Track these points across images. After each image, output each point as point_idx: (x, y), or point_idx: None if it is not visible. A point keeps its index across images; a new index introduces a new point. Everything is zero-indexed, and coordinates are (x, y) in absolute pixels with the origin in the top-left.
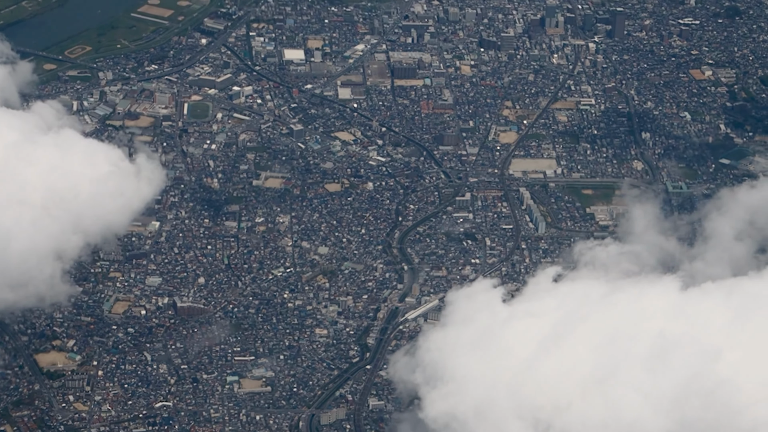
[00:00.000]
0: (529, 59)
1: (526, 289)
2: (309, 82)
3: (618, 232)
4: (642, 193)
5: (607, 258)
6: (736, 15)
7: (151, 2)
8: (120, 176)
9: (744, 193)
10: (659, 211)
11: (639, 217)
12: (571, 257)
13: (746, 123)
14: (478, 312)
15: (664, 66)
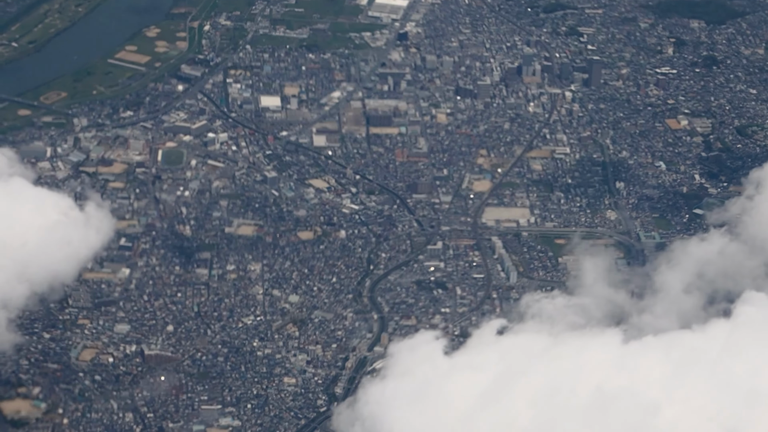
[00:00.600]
0: (505, 107)
1: (470, 341)
2: (284, 129)
3: (568, 284)
4: (592, 245)
5: (554, 310)
6: (714, 64)
7: (128, 48)
8: (68, 225)
9: (694, 245)
10: (614, 263)
11: (589, 269)
12: (518, 309)
13: (721, 173)
14: (419, 364)
15: (640, 115)
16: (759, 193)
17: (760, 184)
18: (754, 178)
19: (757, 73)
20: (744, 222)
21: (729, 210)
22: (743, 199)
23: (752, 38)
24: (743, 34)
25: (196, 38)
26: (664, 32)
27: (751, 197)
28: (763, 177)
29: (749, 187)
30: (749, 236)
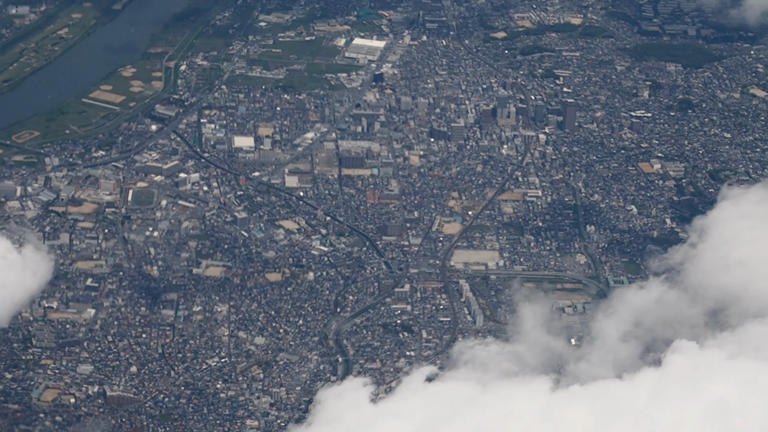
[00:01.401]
0: (478, 150)
1: (398, 388)
2: (257, 169)
3: (505, 331)
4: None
5: (487, 357)
6: (689, 108)
7: (103, 88)
8: (4, 268)
9: (633, 293)
10: (550, 310)
11: (528, 315)
12: (451, 356)
13: (693, 217)
14: (345, 411)
15: (614, 158)
16: (702, 241)
17: (704, 231)
18: (698, 225)
19: (732, 117)
20: (686, 270)
21: (672, 257)
22: (686, 247)
23: (728, 82)
24: (719, 77)
25: (172, 78)
26: (640, 75)
27: (694, 245)
28: (707, 225)
29: (693, 235)
30: (691, 284)
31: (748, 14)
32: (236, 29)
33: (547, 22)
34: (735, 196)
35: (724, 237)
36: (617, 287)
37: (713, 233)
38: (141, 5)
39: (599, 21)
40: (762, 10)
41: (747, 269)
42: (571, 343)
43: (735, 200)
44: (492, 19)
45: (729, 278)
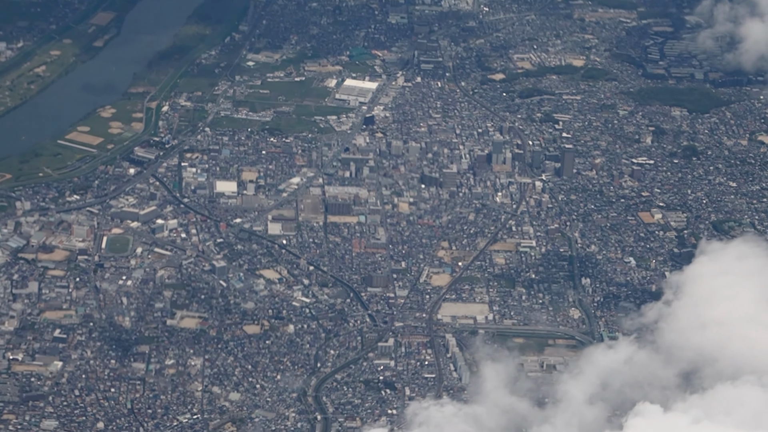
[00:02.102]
0: (471, 197)
1: None
2: (239, 216)
3: (466, 391)
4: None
5: (443, 419)
6: (694, 155)
7: (80, 129)
8: None
9: (601, 353)
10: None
11: (491, 375)
12: (405, 417)
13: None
14: None
15: (612, 208)
16: (677, 299)
17: (680, 288)
18: (673, 282)
19: (738, 165)
20: (660, 329)
21: (645, 315)
22: (660, 305)
23: (736, 128)
24: (727, 123)
25: (153, 119)
26: (643, 120)
27: (669, 303)
28: (683, 281)
29: (668, 292)
30: (664, 344)
31: (744, 59)
32: (223, 68)
33: (547, 64)
34: (714, 251)
35: (701, 294)
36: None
37: (689, 290)
38: (123, 42)
39: (602, 63)
40: (758, 54)
41: (723, 329)
42: (535, 406)
43: (714, 255)
44: (490, 60)
45: (704, 338)
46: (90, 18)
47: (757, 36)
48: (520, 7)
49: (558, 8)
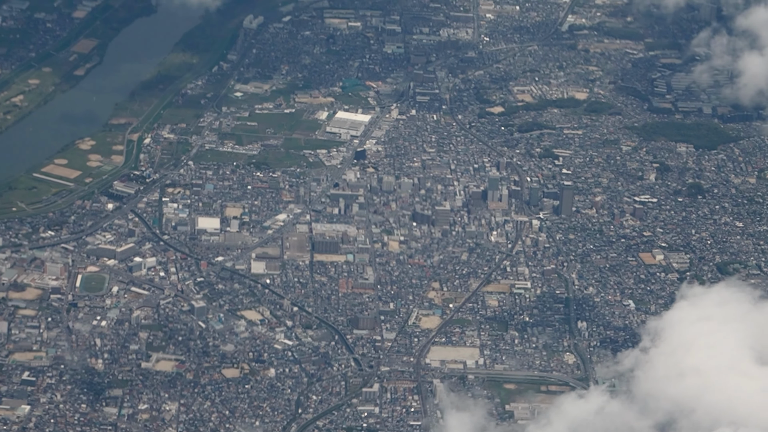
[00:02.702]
0: (464, 236)
1: None
2: (221, 253)
3: None
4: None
5: None
6: (699, 193)
7: (57, 162)
8: None
9: (571, 402)
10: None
11: (454, 424)
12: None
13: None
14: None
15: (612, 248)
16: (655, 346)
17: (657, 335)
18: (651, 328)
19: (745, 205)
20: (636, 377)
21: (621, 363)
22: (637, 352)
23: (744, 165)
24: (735, 160)
25: (134, 152)
26: (647, 156)
27: (646, 350)
28: (662, 327)
29: (645, 339)
30: (640, 393)
31: (742, 93)
32: (209, 99)
33: (549, 97)
34: (695, 296)
35: (680, 341)
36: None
37: (668, 337)
38: (106, 71)
39: (606, 96)
40: (757, 89)
41: (702, 378)
42: None
43: (694, 300)
44: (489, 92)
45: (682, 388)
46: (72, 45)
47: (756, 70)
48: (523, 37)
49: (562, 38)
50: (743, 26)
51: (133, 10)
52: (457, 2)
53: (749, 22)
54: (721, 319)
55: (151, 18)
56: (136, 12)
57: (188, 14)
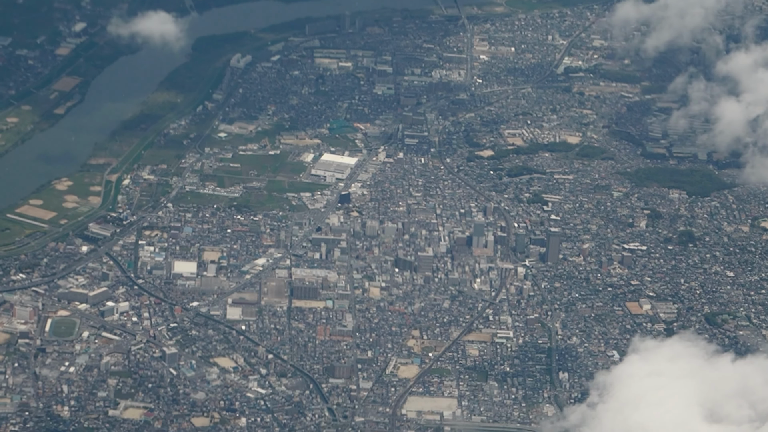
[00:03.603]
0: (447, 283)
1: None
2: (196, 299)
3: None
4: None
5: None
6: (690, 241)
7: (32, 202)
8: None
9: None
10: None
11: None
12: None
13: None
14: None
15: (599, 297)
16: (603, 401)
17: (606, 390)
18: (600, 382)
19: (737, 254)
20: None
21: (567, 419)
22: (584, 407)
23: (738, 213)
24: (728, 208)
25: (112, 193)
26: (638, 203)
27: (594, 405)
28: (610, 381)
29: (592, 393)
30: None
31: (719, 140)
32: (192, 140)
33: (540, 140)
34: (646, 350)
35: (628, 397)
36: None
37: (616, 392)
38: (87, 110)
39: (599, 141)
40: (733, 136)
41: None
42: None
43: (646, 354)
44: (480, 135)
45: None
46: (53, 83)
47: (733, 116)
48: (517, 79)
49: (557, 81)
50: (723, 71)
51: (117, 48)
52: (451, 43)
53: (729, 68)
54: (672, 375)
55: (136, 56)
56: (121, 50)
57: (174, 52)
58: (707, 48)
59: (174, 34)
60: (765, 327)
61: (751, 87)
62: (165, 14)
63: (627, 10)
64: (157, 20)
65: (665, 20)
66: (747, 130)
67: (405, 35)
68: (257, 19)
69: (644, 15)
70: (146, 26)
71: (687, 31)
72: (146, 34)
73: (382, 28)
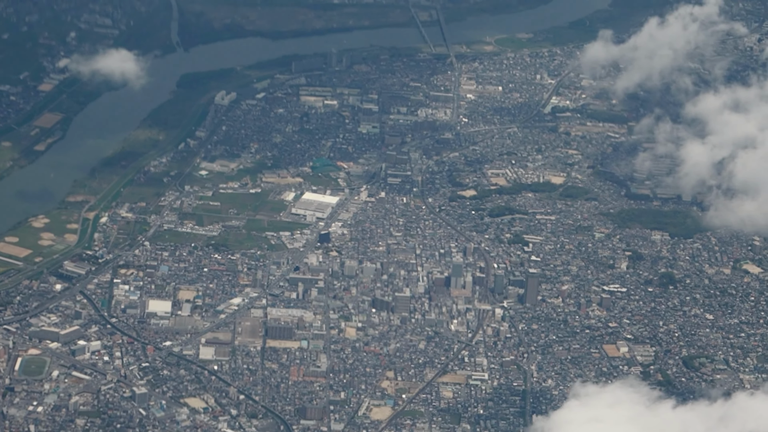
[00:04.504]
0: (424, 324)
1: None
2: (169, 338)
3: None
4: None
5: None
6: (671, 284)
7: (8, 239)
8: None
9: None
10: None
11: None
12: None
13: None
14: None
15: (576, 339)
16: None
17: None
18: (537, 428)
19: (717, 296)
20: None
21: None
22: None
23: (720, 255)
24: (710, 250)
25: (89, 231)
26: (620, 244)
27: None
28: (548, 428)
29: None
30: None
31: (684, 182)
32: (172, 177)
33: (524, 181)
34: (587, 395)
35: None
36: None
37: None
38: (67, 147)
39: (584, 181)
40: (698, 179)
41: None
42: None
43: (586, 400)
44: (463, 175)
45: None
46: (34, 119)
47: (698, 159)
48: (503, 118)
49: (543, 120)
50: (691, 113)
51: (101, 84)
52: (438, 82)
53: (697, 110)
54: (611, 421)
55: (120, 92)
56: (104, 86)
57: (158, 89)
58: (676, 89)
59: (135, 72)
60: (743, 371)
61: (717, 129)
62: (126, 53)
63: (596, 50)
64: (118, 58)
65: (635, 61)
66: (712, 173)
67: (392, 73)
68: (243, 56)
69: (613, 56)
70: (106, 64)
71: (656, 73)
72: (106, 72)
73: (369, 66)
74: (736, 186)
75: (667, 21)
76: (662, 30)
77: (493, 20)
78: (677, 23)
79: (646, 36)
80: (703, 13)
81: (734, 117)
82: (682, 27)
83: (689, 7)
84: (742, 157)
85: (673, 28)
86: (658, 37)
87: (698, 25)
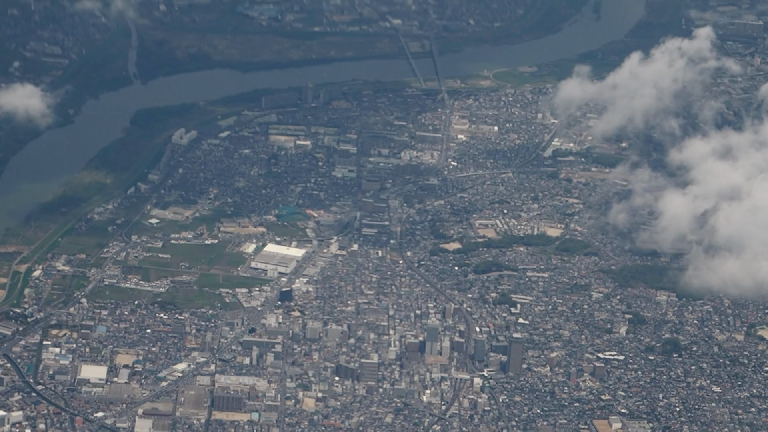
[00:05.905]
0: (392, 394)
1: None
2: (102, 408)
3: None
4: None
5: None
6: (675, 351)
7: None
8: None
9: None
10: None
11: None
12: None
13: None
14: None
15: (563, 413)
16: None
17: None
18: None
19: (727, 366)
20: None
21: None
22: None
23: (732, 319)
24: (722, 313)
25: (19, 286)
26: (619, 306)
27: None
28: None
29: None
30: None
31: (661, 237)
32: (118, 226)
33: (516, 233)
34: None
35: None
36: None
37: None
38: (1, 191)
39: (583, 234)
40: (677, 233)
41: None
42: None
43: None
44: (447, 226)
45: None
46: None
47: (677, 211)
48: (497, 162)
49: (542, 165)
50: (676, 160)
51: (45, 120)
52: (426, 120)
53: (682, 156)
54: None
55: (66, 129)
56: (49, 122)
57: (109, 126)
58: (659, 134)
59: (39, 109)
60: None
61: (699, 178)
62: (32, 87)
63: (571, 88)
64: (23, 93)
65: (615, 101)
66: (692, 227)
67: (375, 111)
68: (208, 90)
69: (589, 95)
70: (8, 100)
71: (638, 114)
72: (9, 109)
73: (349, 102)
74: (718, 242)
75: (652, 56)
76: (645, 66)
77: (492, 52)
78: (663, 58)
79: (627, 73)
80: (693, 47)
81: (719, 165)
82: (667, 63)
83: (677, 40)
84: (726, 210)
85: (658, 64)
86: (640, 74)
87: (685, 61)
